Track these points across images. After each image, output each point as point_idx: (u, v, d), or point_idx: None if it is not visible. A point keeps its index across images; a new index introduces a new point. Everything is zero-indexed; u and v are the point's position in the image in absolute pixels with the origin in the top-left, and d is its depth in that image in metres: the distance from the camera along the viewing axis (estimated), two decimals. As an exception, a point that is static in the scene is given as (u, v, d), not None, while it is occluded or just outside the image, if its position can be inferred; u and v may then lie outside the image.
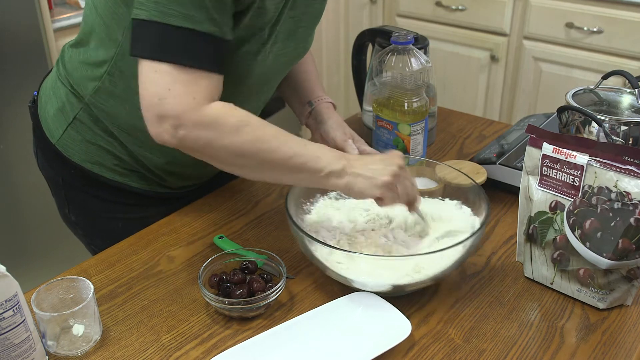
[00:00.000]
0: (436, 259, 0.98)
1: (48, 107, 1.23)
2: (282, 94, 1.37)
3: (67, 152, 1.21)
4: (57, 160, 1.23)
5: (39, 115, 1.25)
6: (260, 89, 1.18)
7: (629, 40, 2.45)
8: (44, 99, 1.24)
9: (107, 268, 1.11)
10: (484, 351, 0.94)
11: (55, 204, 1.34)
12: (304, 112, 1.32)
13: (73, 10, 2.25)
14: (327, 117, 1.28)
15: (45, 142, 1.24)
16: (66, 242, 2.19)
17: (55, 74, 1.23)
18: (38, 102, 1.26)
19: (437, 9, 2.89)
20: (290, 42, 1.13)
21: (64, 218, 1.34)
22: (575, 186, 0.98)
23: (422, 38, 1.50)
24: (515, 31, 2.73)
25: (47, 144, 1.23)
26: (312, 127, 1.31)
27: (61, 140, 1.21)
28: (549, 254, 1.03)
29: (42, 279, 0.99)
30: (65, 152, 1.21)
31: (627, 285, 1.00)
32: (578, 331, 0.98)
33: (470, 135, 1.59)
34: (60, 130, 1.20)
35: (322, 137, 1.28)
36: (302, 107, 1.32)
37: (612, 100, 1.30)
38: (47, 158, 1.27)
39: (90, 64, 1.13)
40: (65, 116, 1.19)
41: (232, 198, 1.31)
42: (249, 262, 1.06)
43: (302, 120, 1.33)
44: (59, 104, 1.20)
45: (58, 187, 1.29)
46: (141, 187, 1.25)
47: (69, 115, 1.19)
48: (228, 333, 0.97)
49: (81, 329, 0.93)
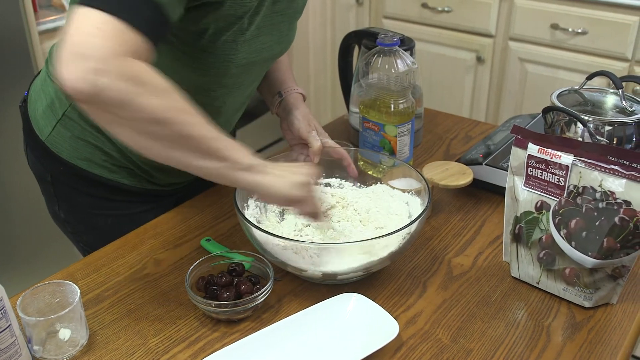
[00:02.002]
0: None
1: (37, 105, 1.23)
2: None
3: (57, 149, 1.21)
4: (47, 157, 1.23)
5: (29, 113, 1.25)
6: (243, 82, 1.18)
7: (613, 41, 2.47)
8: (34, 97, 1.25)
9: (93, 272, 1.11)
10: (471, 351, 0.94)
11: (45, 202, 1.33)
12: (274, 102, 1.33)
13: (58, 13, 2.24)
14: (294, 107, 1.29)
15: (35, 139, 1.24)
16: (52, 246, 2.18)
17: (45, 72, 1.24)
18: (28, 100, 1.27)
19: (423, 11, 2.90)
20: (273, 36, 1.13)
21: (53, 216, 1.34)
22: (561, 186, 0.99)
23: (408, 39, 1.51)
24: (501, 32, 2.74)
25: (36, 141, 1.24)
26: (280, 116, 1.33)
27: (50, 137, 1.21)
28: (535, 253, 1.04)
29: (28, 283, 0.98)
30: (55, 148, 1.21)
31: (612, 284, 1.00)
32: (564, 330, 0.98)
33: (457, 136, 1.60)
34: (50, 127, 1.21)
35: (288, 128, 1.29)
36: (272, 98, 1.33)
37: (596, 101, 1.31)
38: (36, 155, 1.27)
39: None
40: (55, 113, 1.20)
41: (219, 201, 1.31)
42: (236, 264, 1.06)
43: (272, 110, 1.35)
44: (48, 101, 1.21)
45: (47, 184, 1.29)
46: (130, 184, 1.25)
47: (58, 112, 1.19)
48: (216, 336, 0.97)
49: (68, 334, 0.92)
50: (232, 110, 1.23)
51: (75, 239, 1.37)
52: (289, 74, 1.36)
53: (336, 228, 1.12)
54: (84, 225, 1.32)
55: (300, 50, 3.16)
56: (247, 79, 1.18)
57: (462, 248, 1.18)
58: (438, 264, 1.13)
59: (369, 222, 1.15)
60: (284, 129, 1.30)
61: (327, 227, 1.11)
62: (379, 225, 1.14)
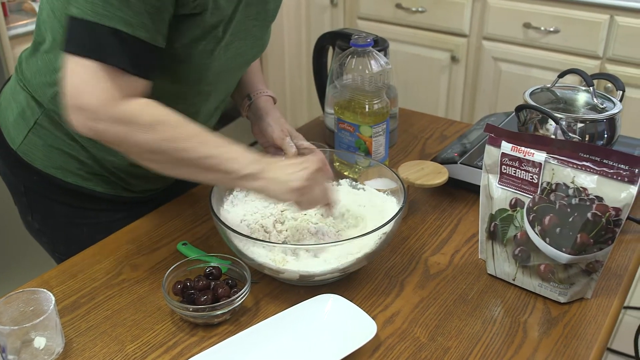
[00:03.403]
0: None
1: (8, 113, 1.21)
2: None
3: (29, 158, 1.20)
4: (19, 166, 1.22)
5: None
6: (218, 88, 1.18)
7: (585, 39, 2.50)
8: (4, 104, 1.23)
9: (69, 279, 1.09)
10: (449, 349, 0.95)
11: (18, 211, 1.31)
12: (243, 105, 1.32)
13: (29, 17, 2.21)
14: (265, 113, 1.28)
15: (5, 149, 1.22)
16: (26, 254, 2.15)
17: (15, 80, 1.22)
18: None
19: (398, 11, 2.92)
20: (247, 40, 1.13)
21: (27, 226, 1.32)
22: (534, 183, 1.00)
23: (381, 40, 1.51)
24: (475, 32, 2.77)
25: (7, 150, 1.22)
26: (251, 120, 1.32)
27: (22, 146, 1.19)
28: (510, 250, 1.05)
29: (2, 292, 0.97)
30: (27, 158, 1.20)
31: (586, 279, 1.02)
32: (540, 325, 0.99)
33: (432, 135, 1.61)
34: (22, 136, 1.19)
35: (260, 132, 1.28)
36: (242, 100, 1.32)
37: (568, 98, 1.33)
38: (7, 165, 1.25)
39: (48, 69, 1.12)
40: (26, 121, 1.18)
41: (195, 204, 1.30)
42: (213, 268, 1.05)
43: (242, 113, 1.34)
44: (19, 110, 1.19)
45: (20, 194, 1.27)
46: (106, 192, 1.24)
47: (29, 120, 1.18)
48: (194, 340, 0.97)
49: (43, 342, 0.91)
50: (206, 116, 1.23)
51: (51, 248, 1.35)
52: (258, 76, 1.35)
53: (311, 230, 1.12)
54: (59, 234, 1.30)
55: (276, 52, 3.16)
56: (221, 85, 1.18)
57: (439, 247, 1.18)
58: (415, 263, 1.14)
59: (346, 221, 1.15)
60: (256, 133, 1.30)
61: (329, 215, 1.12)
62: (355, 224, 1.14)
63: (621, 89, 1.32)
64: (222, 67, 1.10)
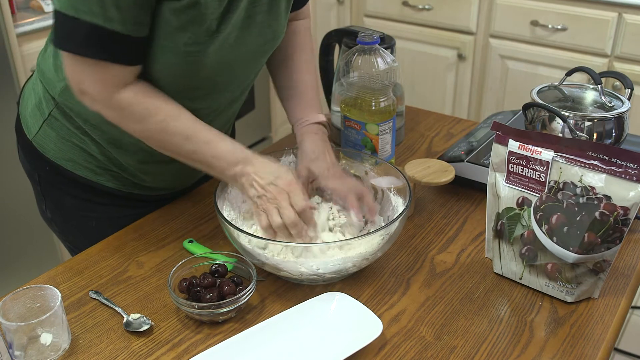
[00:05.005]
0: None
1: (28, 103, 1.24)
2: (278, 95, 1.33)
3: (43, 149, 1.22)
4: (34, 156, 1.24)
5: (20, 111, 1.27)
6: (224, 82, 1.14)
7: (592, 37, 2.49)
8: (26, 95, 1.26)
9: (75, 275, 1.10)
10: (455, 348, 0.95)
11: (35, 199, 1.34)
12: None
13: (37, 15, 2.22)
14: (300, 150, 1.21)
15: (23, 138, 1.25)
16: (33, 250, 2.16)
17: (36, 72, 1.25)
18: (21, 98, 1.28)
19: (404, 9, 2.91)
20: (250, 29, 1.08)
21: (41, 213, 1.35)
22: (541, 182, 0.99)
23: (388, 38, 1.51)
24: (482, 30, 2.76)
25: (25, 139, 1.24)
26: None
27: (37, 136, 1.22)
28: (517, 249, 1.04)
29: (8, 288, 0.97)
30: (41, 148, 1.22)
31: (593, 279, 1.01)
32: (547, 325, 0.99)
33: (439, 133, 1.60)
34: (37, 127, 1.21)
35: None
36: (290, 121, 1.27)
37: (576, 97, 1.32)
38: (25, 153, 1.28)
39: (58, 64, 1.13)
40: (42, 112, 1.20)
41: (201, 202, 1.30)
42: (219, 265, 1.05)
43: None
44: (36, 100, 1.22)
45: (35, 182, 1.29)
46: (115, 187, 1.24)
47: (44, 111, 1.20)
48: (199, 337, 0.97)
49: (49, 338, 0.91)
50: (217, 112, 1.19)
51: (62, 238, 1.37)
52: (301, 100, 1.26)
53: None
54: (69, 225, 1.31)
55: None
56: (227, 78, 1.14)
57: (445, 245, 1.18)
58: (421, 261, 1.13)
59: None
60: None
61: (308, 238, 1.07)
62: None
63: (629, 87, 1.31)
64: (221, 59, 1.07)
